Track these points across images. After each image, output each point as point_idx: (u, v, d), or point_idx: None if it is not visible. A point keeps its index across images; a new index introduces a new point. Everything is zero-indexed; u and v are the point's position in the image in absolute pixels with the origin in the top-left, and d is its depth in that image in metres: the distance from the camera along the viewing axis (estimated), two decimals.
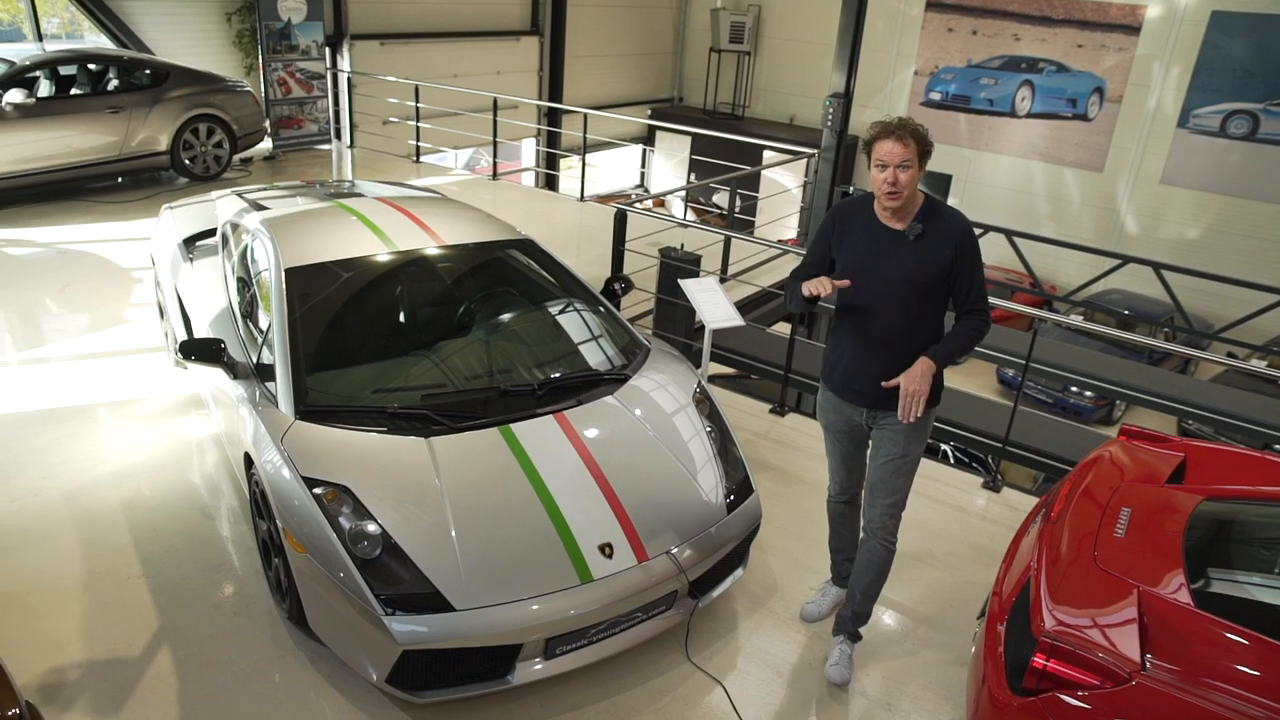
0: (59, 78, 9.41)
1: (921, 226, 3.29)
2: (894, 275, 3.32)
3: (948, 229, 3.30)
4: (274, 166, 11.36)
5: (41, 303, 6.92)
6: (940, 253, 3.29)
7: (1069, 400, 12.97)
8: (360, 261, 4.39)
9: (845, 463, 3.76)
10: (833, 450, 3.76)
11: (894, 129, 3.18)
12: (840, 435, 3.68)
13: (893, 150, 3.18)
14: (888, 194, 3.23)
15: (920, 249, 3.30)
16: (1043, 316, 5.83)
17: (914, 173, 3.20)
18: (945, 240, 3.29)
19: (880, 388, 3.39)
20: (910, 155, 3.18)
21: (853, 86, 9.91)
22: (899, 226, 3.33)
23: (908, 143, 3.18)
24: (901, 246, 3.32)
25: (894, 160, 3.18)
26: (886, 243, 3.34)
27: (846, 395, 3.54)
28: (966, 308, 3.37)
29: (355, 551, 3.21)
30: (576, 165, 12.12)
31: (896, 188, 3.20)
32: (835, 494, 3.88)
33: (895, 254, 3.32)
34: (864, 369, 3.45)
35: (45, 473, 4.71)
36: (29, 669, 3.44)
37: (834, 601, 4.04)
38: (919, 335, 3.38)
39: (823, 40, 17.44)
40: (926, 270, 3.30)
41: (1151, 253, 13.21)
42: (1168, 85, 15.40)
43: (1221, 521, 3.27)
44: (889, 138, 3.19)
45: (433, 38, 15.46)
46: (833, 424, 3.67)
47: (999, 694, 2.79)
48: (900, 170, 3.18)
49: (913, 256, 3.30)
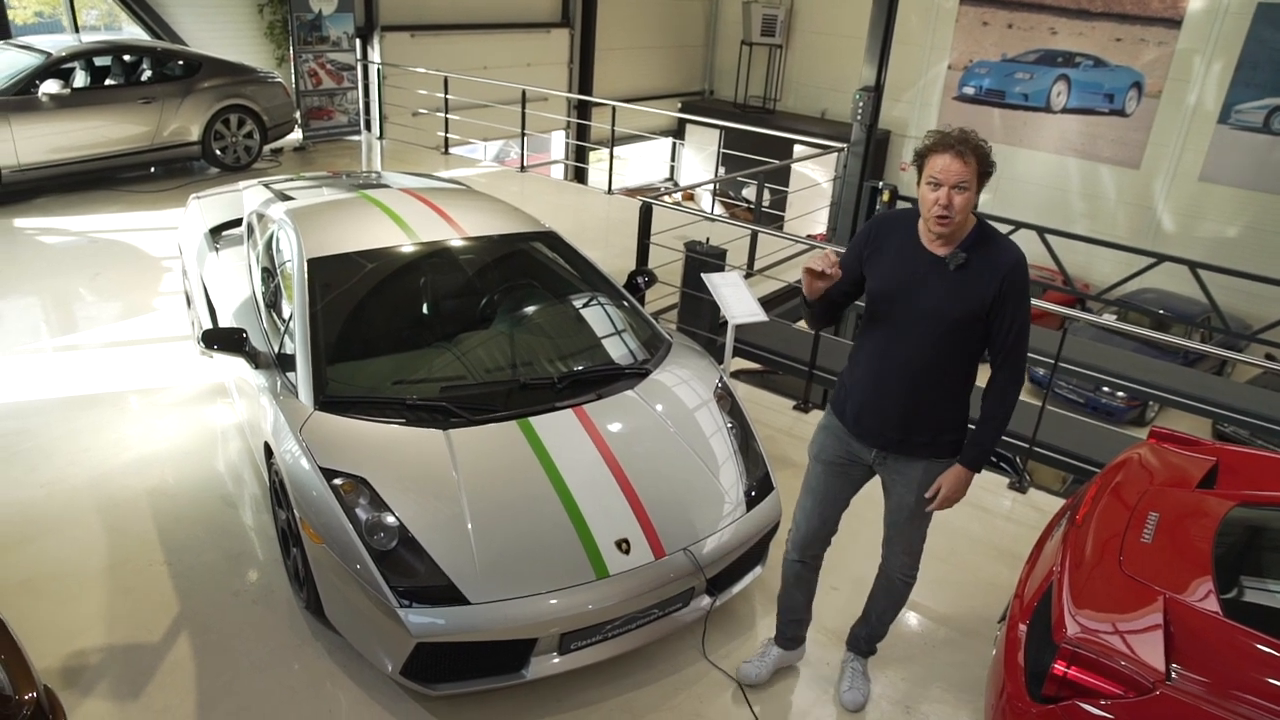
0: (94, 68, 9.54)
1: (966, 256, 2.87)
2: (925, 305, 2.91)
3: (996, 261, 2.87)
4: (303, 157, 11.43)
5: (73, 290, 7.01)
6: (983, 287, 2.86)
7: (1100, 400, 12.76)
8: (382, 253, 4.40)
9: (823, 506, 3.30)
10: (814, 486, 3.30)
11: (954, 142, 2.76)
12: (832, 468, 3.25)
13: (949, 167, 2.75)
14: (938, 218, 2.80)
15: (960, 280, 2.88)
16: (1074, 315, 5.73)
17: (970, 195, 2.78)
18: (991, 273, 2.86)
19: (896, 429, 3.05)
20: (969, 175, 2.76)
21: (884, 80, 9.80)
22: (941, 252, 2.91)
23: (968, 160, 2.75)
24: (939, 275, 2.90)
25: (950, 179, 2.75)
26: (924, 268, 2.92)
27: (856, 431, 3.15)
28: (1002, 357, 2.97)
29: (372, 543, 3.22)
30: (605, 158, 12.09)
31: (949, 211, 2.77)
32: (794, 551, 3.41)
33: (931, 282, 2.91)
34: (878, 405, 3.06)
35: (72, 459, 4.76)
36: (51, 653, 3.48)
37: (775, 665, 3.62)
38: (945, 378, 3.01)
39: (856, 34, 17.22)
40: (962, 304, 2.88)
41: (1188, 251, 12.95)
42: (1209, 80, 15.07)
43: (1254, 529, 3.19)
44: (946, 152, 2.76)
45: (463, 29, 15.49)
46: (828, 454, 3.25)
47: (1018, 701, 2.74)
48: (956, 191, 2.76)
49: (949, 287, 2.89)
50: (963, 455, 3.06)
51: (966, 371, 3.04)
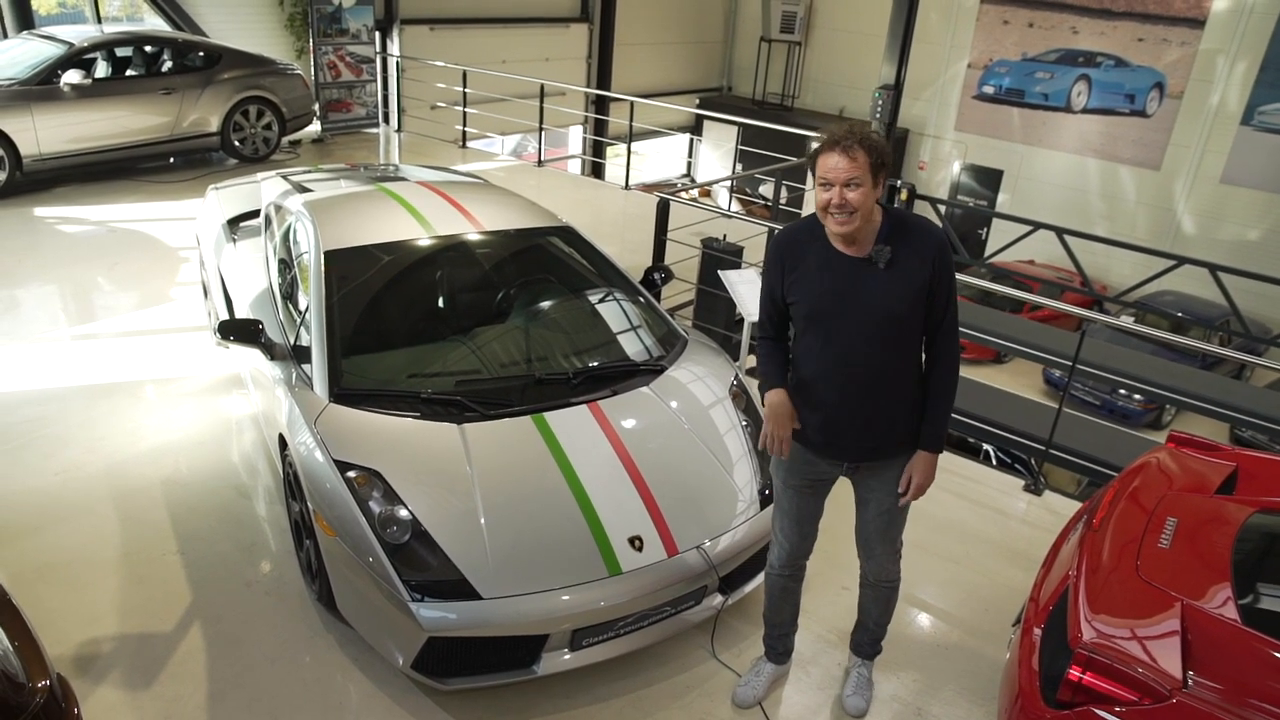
0: (115, 59, 9.59)
1: (890, 249, 2.80)
2: (868, 310, 2.82)
3: (921, 245, 2.82)
4: (322, 149, 11.46)
5: (91, 280, 7.05)
6: (916, 275, 2.81)
7: (1117, 403, 12.67)
8: (399, 245, 4.40)
9: (800, 524, 3.25)
10: (789, 509, 3.23)
11: (839, 139, 2.69)
12: (803, 491, 3.18)
13: (836, 165, 2.68)
14: (835, 219, 2.73)
15: (894, 276, 2.80)
16: (1091, 317, 5.68)
17: (866, 190, 2.70)
18: (920, 260, 2.81)
19: (867, 439, 2.98)
20: (859, 170, 2.68)
21: (903, 78, 9.74)
22: (862, 254, 2.83)
23: (855, 155, 2.67)
24: (871, 276, 2.82)
25: (840, 177, 2.67)
26: (852, 274, 2.83)
27: (828, 453, 3.05)
28: (938, 334, 2.92)
29: (384, 536, 3.22)
30: (623, 153, 12.08)
31: (844, 209, 2.70)
32: (779, 566, 3.35)
33: (866, 285, 2.82)
34: (847, 422, 2.97)
35: (88, 447, 4.79)
36: (64, 640, 3.50)
37: (769, 681, 3.54)
38: (902, 376, 2.96)
39: (875, 31, 17.14)
40: (905, 298, 2.81)
41: (1209, 254, 12.82)
42: (1232, 81, 14.92)
43: (1274, 535, 3.15)
44: (833, 150, 2.69)
45: (482, 23, 15.49)
46: (796, 479, 3.16)
47: (1032, 705, 2.71)
48: (848, 189, 2.68)
49: (887, 285, 2.81)
50: (923, 442, 3.01)
51: (918, 361, 3.00)
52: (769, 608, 3.49)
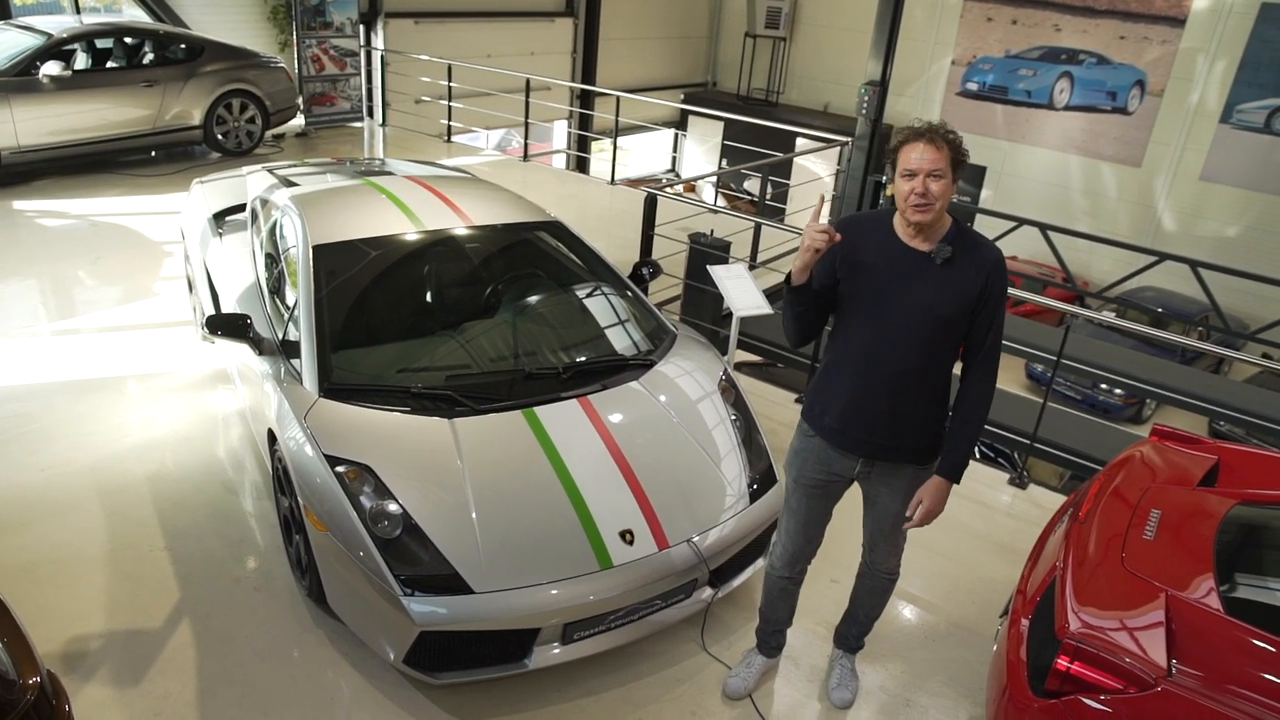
0: (95, 51, 9.50)
1: (951, 249, 2.84)
2: (915, 304, 2.85)
3: (981, 257, 2.86)
4: (306, 143, 11.40)
5: (73, 274, 6.99)
6: (969, 282, 2.84)
7: (1098, 397, 12.79)
8: (388, 240, 4.39)
9: (807, 527, 3.26)
10: (798, 509, 3.24)
11: (924, 132, 2.77)
12: (814, 491, 3.19)
13: (923, 155, 2.74)
14: (916, 206, 2.76)
15: (948, 275, 2.84)
16: (1074, 312, 5.73)
17: (946, 183, 2.76)
18: (977, 269, 2.84)
19: (881, 435, 2.99)
20: (943, 162, 2.74)
21: (889, 74, 9.78)
22: (925, 248, 2.87)
23: (941, 147, 2.75)
24: (926, 271, 2.85)
25: (925, 167, 2.74)
26: (909, 265, 2.87)
27: (840, 443, 3.06)
28: (979, 356, 2.93)
29: (375, 531, 3.22)
30: (608, 148, 12.07)
31: (927, 198, 2.75)
32: (780, 567, 3.36)
33: (919, 279, 2.86)
34: (864, 413, 2.99)
35: (73, 443, 4.76)
36: (51, 638, 3.48)
37: (760, 673, 3.58)
38: (929, 380, 2.96)
39: (859, 27, 17.22)
40: (953, 300, 2.84)
41: (1189, 250, 12.95)
42: (1212, 79, 15.06)
43: (1255, 527, 3.20)
44: (919, 140, 2.76)
45: (467, 17, 15.43)
46: (808, 477, 3.17)
47: (1020, 695, 2.75)
48: (931, 179, 2.74)
49: (939, 283, 2.84)
50: (941, 467, 3.00)
51: (949, 371, 3.00)
52: (766, 605, 3.51)
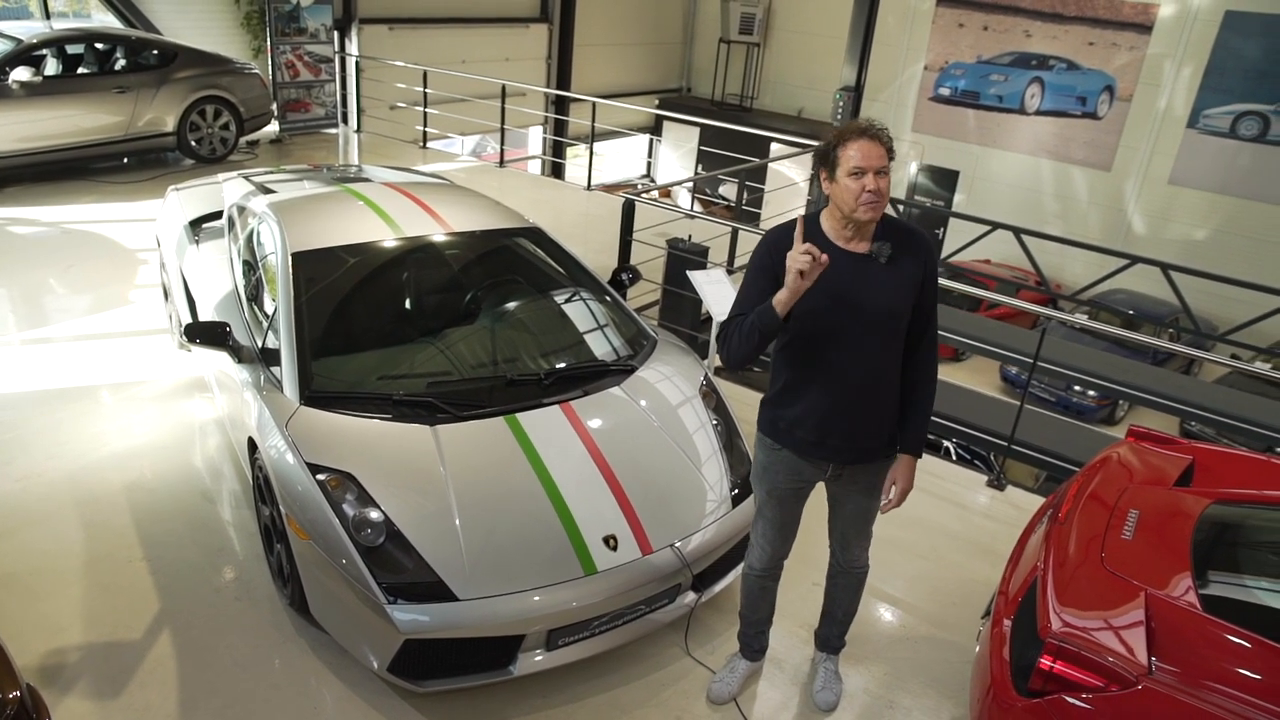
0: (66, 56, 9.38)
1: (890, 246, 2.82)
2: (874, 308, 2.82)
3: (916, 245, 2.87)
4: (280, 150, 11.32)
5: (45, 283, 6.90)
6: (914, 273, 2.86)
7: (1071, 399, 12.93)
8: (367, 247, 4.37)
9: (782, 529, 3.26)
10: (772, 517, 3.23)
11: (865, 129, 2.75)
12: (787, 498, 3.18)
13: (870, 152, 2.71)
14: (868, 204, 2.72)
15: (894, 272, 2.83)
16: (1049, 314, 5.81)
17: (889, 179, 2.76)
18: (914, 258, 2.86)
19: (859, 439, 2.98)
20: (886, 159, 2.74)
21: (864, 80, 9.87)
22: (862, 249, 2.85)
23: (883, 142, 2.74)
24: (872, 273, 2.83)
25: (873, 164, 2.71)
26: (856, 271, 2.82)
27: (816, 454, 3.03)
28: (921, 338, 2.95)
29: (359, 539, 3.20)
30: (583, 154, 12.08)
31: (878, 195, 2.72)
32: (759, 568, 3.36)
33: (867, 283, 2.82)
34: (842, 422, 2.96)
35: (49, 453, 4.70)
36: (29, 650, 3.43)
37: (744, 677, 3.57)
38: (893, 372, 2.96)
39: (832, 33, 17.34)
40: (905, 296, 2.85)
41: (1158, 253, 13.13)
42: (1179, 85, 15.31)
43: (1229, 525, 3.25)
44: (862, 137, 2.73)
45: (442, 23, 15.39)
46: (780, 487, 3.15)
47: (1004, 694, 2.78)
48: (879, 176, 2.72)
49: (889, 282, 2.83)
50: (905, 446, 3.06)
51: (900, 364, 3.00)
52: (746, 606, 3.52)
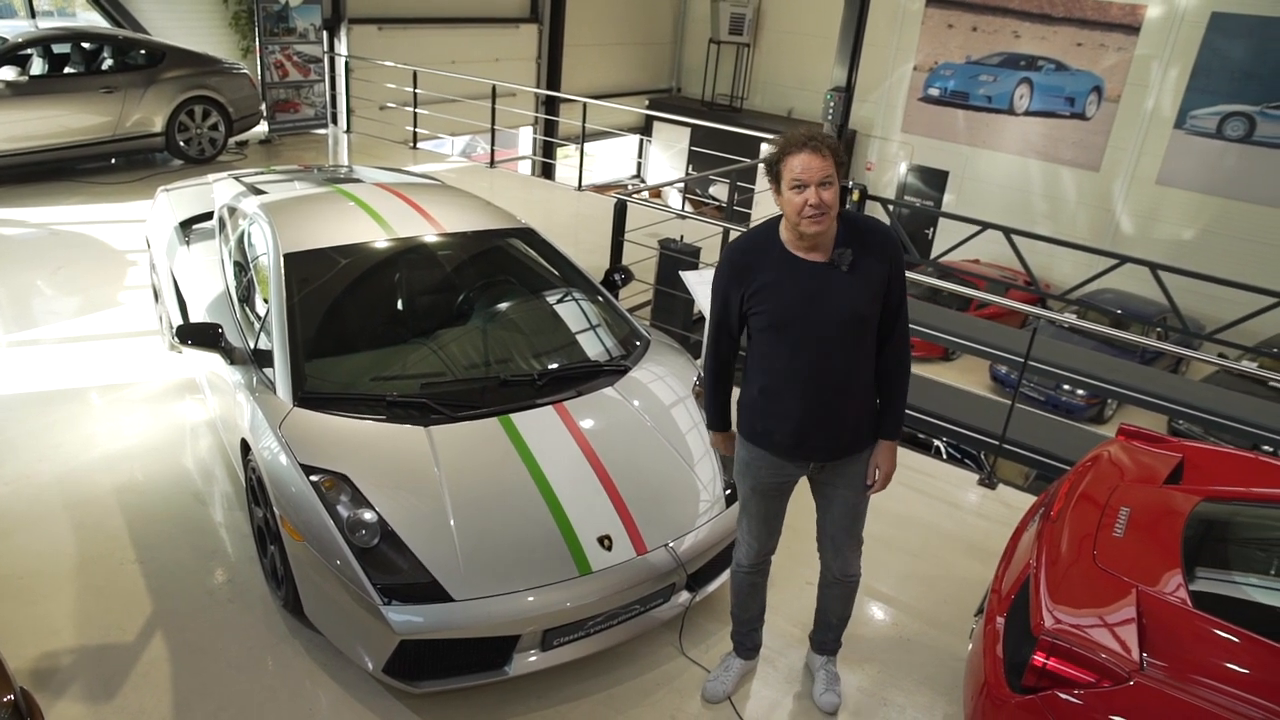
0: (52, 56, 9.34)
1: (850, 252, 2.84)
2: (838, 315, 2.86)
3: (878, 245, 2.89)
4: (270, 150, 11.29)
5: (34, 284, 6.87)
6: (876, 274, 2.88)
7: (1061, 398, 13.01)
8: (360, 248, 4.37)
9: (767, 523, 3.29)
10: (756, 511, 3.26)
11: (806, 141, 2.73)
12: (770, 494, 3.21)
13: (810, 164, 2.70)
14: (811, 217, 2.73)
15: (856, 277, 2.85)
16: (1039, 314, 5.84)
17: (835, 189, 2.74)
18: (878, 260, 2.87)
19: (838, 438, 3.02)
20: (831, 169, 2.72)
21: (854, 81, 9.90)
22: (821, 258, 2.86)
23: (825, 155, 2.72)
24: (835, 279, 2.85)
25: (814, 176, 2.70)
26: (818, 280, 2.85)
27: (799, 454, 3.07)
28: (892, 328, 2.97)
29: (353, 540, 3.20)
30: (573, 154, 12.08)
31: (821, 208, 2.72)
32: (747, 565, 3.38)
33: (833, 290, 2.85)
34: (820, 425, 3.00)
35: (39, 455, 4.67)
36: (21, 654, 3.41)
37: (738, 676, 3.58)
38: (864, 374, 3.01)
39: (822, 34, 17.40)
40: (871, 297, 2.87)
41: (1146, 253, 13.23)
42: (1166, 86, 15.41)
43: (1219, 523, 3.28)
44: (803, 150, 2.72)
45: (431, 23, 15.37)
46: (763, 484, 3.18)
47: (998, 691, 2.79)
48: (823, 188, 2.71)
49: (853, 286, 2.85)
50: (885, 431, 3.10)
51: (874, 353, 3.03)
52: (737, 604, 3.53)
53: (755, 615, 3.57)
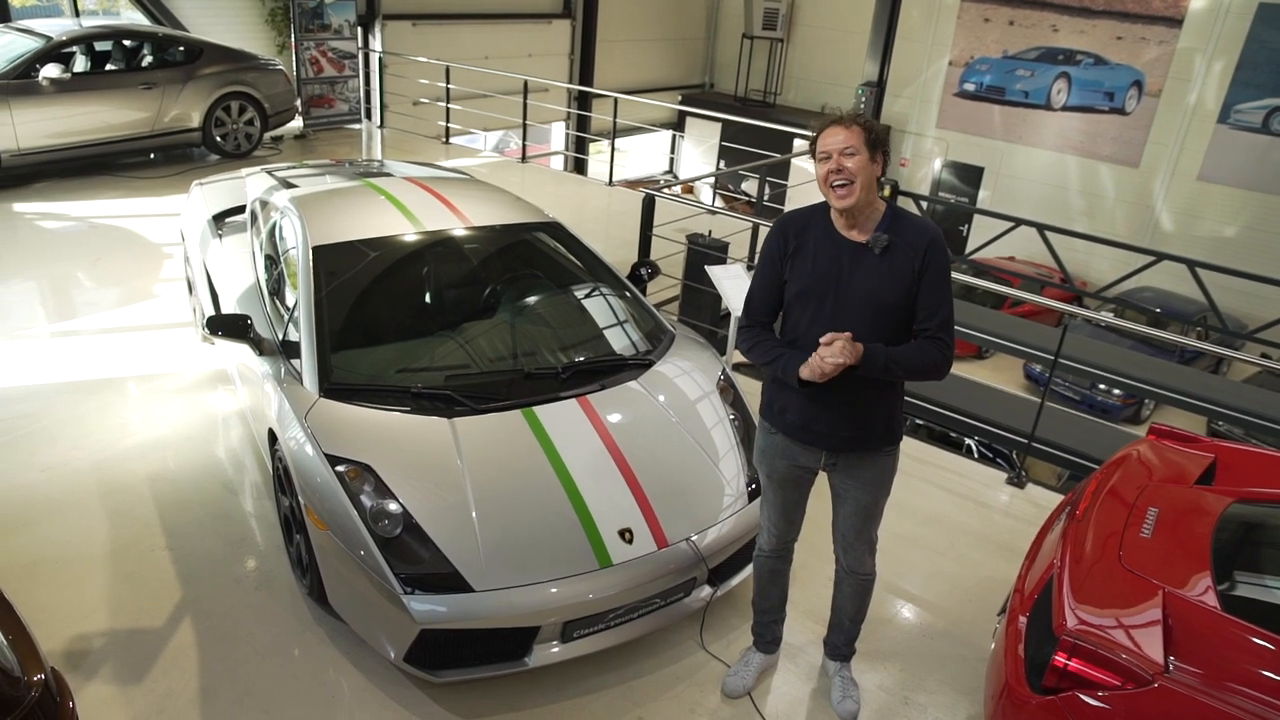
0: (94, 53, 9.51)
1: (888, 238, 2.87)
2: (859, 293, 2.88)
3: (916, 237, 2.88)
4: (304, 145, 11.41)
5: (73, 276, 7.01)
6: (907, 264, 2.86)
7: (1096, 398, 12.81)
8: (387, 241, 4.40)
9: (786, 513, 3.30)
10: (773, 500, 3.28)
11: (838, 118, 2.85)
12: (785, 483, 3.22)
13: (835, 134, 2.81)
14: (836, 186, 2.81)
15: (887, 263, 2.87)
16: (1073, 312, 5.76)
17: (863, 160, 2.79)
18: (913, 249, 2.86)
19: (844, 428, 3.00)
20: (855, 140, 2.79)
21: (886, 76, 9.81)
22: (861, 238, 2.90)
23: (851, 127, 2.80)
24: (866, 261, 2.88)
25: (837, 146, 2.79)
26: (850, 257, 2.90)
27: (804, 438, 3.07)
28: (931, 330, 2.89)
29: (376, 530, 3.23)
30: (605, 149, 12.09)
31: (844, 175, 2.78)
32: (768, 550, 3.40)
33: (860, 270, 2.88)
34: (825, 407, 2.98)
35: (74, 444, 4.77)
36: (54, 636, 3.49)
37: (759, 671, 3.58)
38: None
39: (856, 29, 17.24)
40: (894, 286, 2.87)
41: (1187, 250, 12.99)
42: (1209, 79, 15.10)
43: (1251, 525, 3.21)
44: (831, 125, 2.84)
45: (465, 19, 15.46)
46: (778, 471, 3.20)
47: (1019, 691, 2.76)
48: (844, 156, 2.78)
49: (879, 272, 2.87)
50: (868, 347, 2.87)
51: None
52: (758, 593, 3.54)
53: (776, 605, 3.56)
